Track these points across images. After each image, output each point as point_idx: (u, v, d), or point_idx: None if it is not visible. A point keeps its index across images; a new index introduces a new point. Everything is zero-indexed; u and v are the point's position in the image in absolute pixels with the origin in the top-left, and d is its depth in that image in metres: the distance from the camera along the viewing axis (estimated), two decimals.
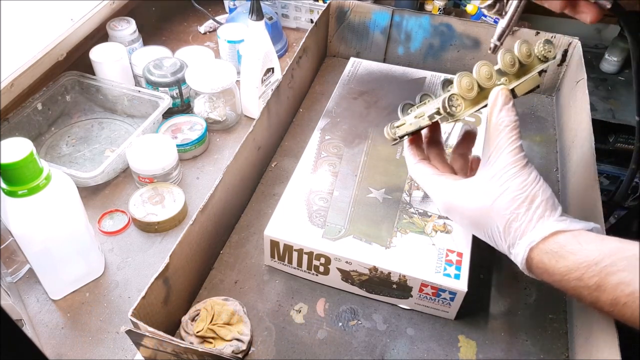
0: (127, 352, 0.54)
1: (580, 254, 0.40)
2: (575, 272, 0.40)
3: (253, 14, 0.74)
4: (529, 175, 0.44)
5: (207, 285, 0.60)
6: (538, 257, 0.42)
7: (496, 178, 0.44)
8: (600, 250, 0.39)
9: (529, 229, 0.43)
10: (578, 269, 0.40)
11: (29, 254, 0.54)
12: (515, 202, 0.43)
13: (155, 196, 0.68)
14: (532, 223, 0.43)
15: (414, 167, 0.53)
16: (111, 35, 0.90)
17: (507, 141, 0.44)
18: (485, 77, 0.48)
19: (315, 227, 0.59)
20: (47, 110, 0.79)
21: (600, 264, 0.38)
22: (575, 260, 0.40)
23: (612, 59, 1.54)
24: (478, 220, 0.46)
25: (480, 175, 0.46)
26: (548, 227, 0.42)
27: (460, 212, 0.48)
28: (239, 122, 0.84)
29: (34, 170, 0.48)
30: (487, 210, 0.45)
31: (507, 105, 0.45)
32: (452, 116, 0.47)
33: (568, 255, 0.40)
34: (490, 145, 0.45)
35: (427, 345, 0.55)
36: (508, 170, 0.44)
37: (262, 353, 0.54)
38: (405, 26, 0.88)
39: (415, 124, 0.51)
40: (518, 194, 0.43)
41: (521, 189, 0.43)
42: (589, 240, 0.41)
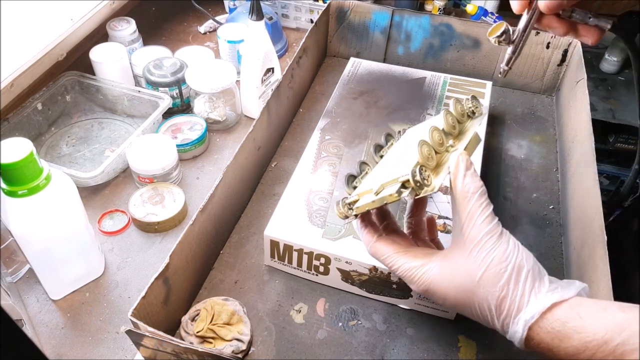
0: (127, 352, 0.54)
1: (585, 331, 0.37)
2: (584, 353, 0.37)
3: (253, 14, 0.74)
4: (508, 243, 0.41)
5: (207, 285, 0.60)
6: (538, 337, 0.39)
7: (475, 252, 0.41)
8: (606, 327, 0.36)
9: (522, 304, 0.39)
10: (587, 349, 0.37)
11: (29, 254, 0.54)
12: (502, 276, 0.40)
13: (155, 196, 0.68)
14: (525, 297, 0.39)
15: (374, 248, 0.48)
16: (111, 35, 0.90)
17: (478, 209, 0.41)
18: (439, 143, 0.46)
19: (315, 227, 0.59)
20: (47, 110, 0.79)
21: (610, 343, 0.36)
22: (581, 340, 0.37)
23: (612, 59, 1.54)
24: (464, 301, 0.42)
25: (457, 251, 0.42)
26: (543, 300, 0.39)
27: (441, 294, 0.43)
28: (239, 122, 0.84)
29: (34, 170, 0.48)
30: (472, 290, 0.41)
31: (469, 171, 0.42)
32: (421, 188, 0.43)
33: (572, 334, 0.37)
34: (461, 215, 0.42)
35: (427, 345, 0.55)
36: (486, 241, 0.40)
37: (262, 353, 0.54)
38: (405, 26, 0.88)
39: (379, 201, 0.45)
40: (503, 267, 0.40)
41: (505, 260, 0.40)
42: (591, 313, 0.38)
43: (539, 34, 0.83)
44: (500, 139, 0.80)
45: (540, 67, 0.86)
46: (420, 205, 0.51)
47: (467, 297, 0.41)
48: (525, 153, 0.78)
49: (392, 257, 0.46)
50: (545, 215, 0.69)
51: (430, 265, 0.43)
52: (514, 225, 0.68)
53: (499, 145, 0.79)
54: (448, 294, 0.42)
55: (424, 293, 0.44)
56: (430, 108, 0.77)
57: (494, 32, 0.50)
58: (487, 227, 0.41)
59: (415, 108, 0.77)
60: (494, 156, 0.77)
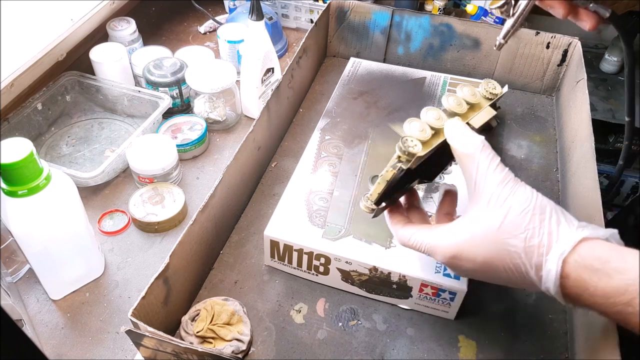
0: (127, 352, 0.54)
1: (628, 273, 0.35)
2: (623, 296, 0.35)
3: (253, 14, 0.74)
4: (525, 187, 0.40)
5: (207, 285, 0.60)
6: (575, 273, 0.37)
7: (492, 202, 0.40)
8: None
9: (552, 240, 0.38)
10: (627, 292, 0.35)
11: (29, 254, 0.54)
12: (526, 216, 0.38)
13: (155, 196, 0.68)
14: (554, 234, 0.38)
15: (402, 232, 0.48)
16: (111, 35, 0.90)
17: (485, 161, 0.40)
18: (434, 118, 0.46)
19: (315, 227, 0.59)
20: (47, 110, 0.79)
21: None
22: (623, 281, 0.35)
23: (612, 59, 1.54)
24: (493, 256, 0.40)
25: (475, 208, 0.41)
26: (575, 234, 0.37)
27: (470, 256, 0.41)
28: (239, 122, 0.84)
29: (34, 170, 0.48)
30: (497, 240, 0.39)
31: (466, 130, 0.42)
32: (412, 156, 0.43)
33: (614, 273, 0.35)
34: (470, 174, 0.41)
35: (427, 345, 0.55)
36: (502, 189, 0.40)
37: (262, 353, 0.54)
38: (405, 26, 0.88)
39: (381, 180, 0.47)
40: (525, 208, 0.39)
41: (525, 202, 0.39)
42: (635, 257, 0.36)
43: (539, 34, 0.83)
44: (500, 139, 0.80)
45: (540, 67, 0.86)
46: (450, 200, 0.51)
47: (495, 249, 0.40)
48: (525, 153, 0.78)
49: (415, 235, 0.46)
50: None
51: (453, 229, 0.43)
52: None
53: (499, 145, 0.79)
54: (476, 253, 0.41)
55: (453, 261, 0.43)
56: None
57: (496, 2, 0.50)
58: (500, 175, 0.40)
59: (415, 108, 0.77)
60: None
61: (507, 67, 0.88)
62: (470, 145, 0.41)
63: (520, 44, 0.85)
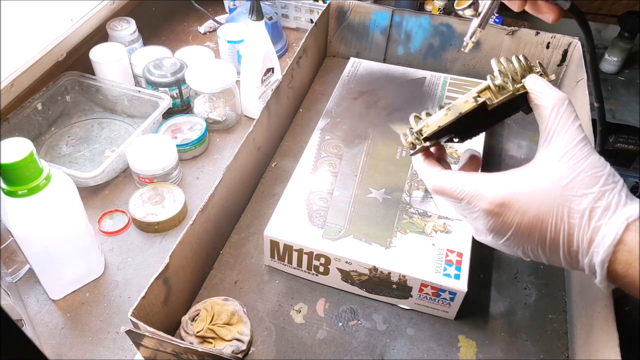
0: (127, 352, 0.54)
1: None
2: None
3: (253, 14, 0.74)
4: (600, 156, 0.39)
5: (207, 285, 0.60)
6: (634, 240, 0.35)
7: (567, 157, 0.38)
8: None
9: (620, 204, 0.37)
10: None
11: (29, 254, 0.54)
12: (599, 179, 0.37)
13: (155, 196, 0.68)
14: (622, 200, 0.37)
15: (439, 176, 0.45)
16: (111, 35, 0.90)
17: (570, 116, 0.39)
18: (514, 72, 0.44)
19: (315, 227, 0.59)
20: (47, 110, 0.79)
21: None
22: None
23: (612, 59, 1.54)
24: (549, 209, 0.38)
25: (544, 159, 0.40)
26: None
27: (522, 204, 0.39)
28: (239, 122, 0.84)
29: (34, 170, 0.48)
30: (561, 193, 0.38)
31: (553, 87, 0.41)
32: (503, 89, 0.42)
33: None
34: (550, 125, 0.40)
35: (427, 345, 0.55)
36: (580, 148, 0.38)
37: (262, 353, 0.54)
38: (405, 26, 0.88)
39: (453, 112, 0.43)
40: (598, 171, 0.37)
41: (601, 166, 0.38)
42: None
43: (539, 34, 0.83)
44: (500, 139, 0.80)
45: None
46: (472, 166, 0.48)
47: (555, 204, 0.38)
48: (525, 153, 0.78)
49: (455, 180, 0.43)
50: None
51: (509, 176, 0.41)
52: None
53: (498, 145, 0.79)
54: (532, 205, 0.39)
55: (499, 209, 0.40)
56: (430, 108, 0.77)
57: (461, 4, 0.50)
58: (580, 135, 0.39)
59: (415, 108, 0.77)
60: (494, 156, 0.77)
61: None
62: (555, 97, 0.40)
63: (520, 44, 0.85)
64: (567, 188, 0.38)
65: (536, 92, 0.41)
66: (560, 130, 0.39)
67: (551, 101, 0.40)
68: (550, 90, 0.41)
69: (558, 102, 0.40)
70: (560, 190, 0.38)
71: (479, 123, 0.47)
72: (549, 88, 0.41)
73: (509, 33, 0.84)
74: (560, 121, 0.40)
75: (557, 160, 0.39)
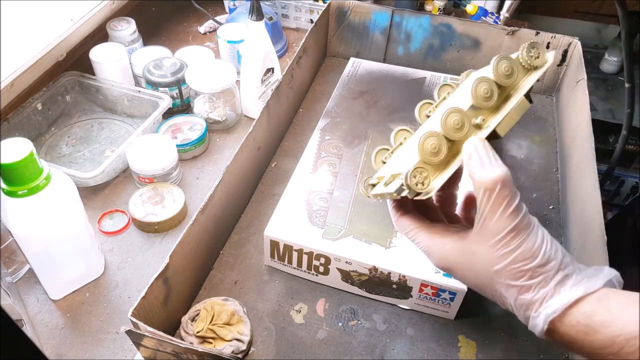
0: (127, 352, 0.54)
1: (613, 325, 0.35)
2: (611, 347, 0.35)
3: (253, 14, 0.74)
4: (536, 237, 0.38)
5: (207, 285, 0.60)
6: (562, 330, 0.37)
7: (497, 247, 0.38)
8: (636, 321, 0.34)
9: (545, 299, 0.37)
10: (614, 344, 0.35)
11: (29, 254, 0.54)
12: (526, 273, 0.37)
13: (155, 196, 0.68)
14: (549, 293, 0.37)
15: (398, 223, 0.46)
16: (111, 35, 0.90)
17: (502, 202, 0.37)
18: (454, 128, 0.40)
19: (315, 227, 0.59)
20: (47, 110, 0.79)
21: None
22: (609, 334, 0.35)
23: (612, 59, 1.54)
24: (483, 286, 0.41)
25: (479, 239, 0.39)
26: (568, 294, 0.37)
27: (460, 276, 0.43)
28: (239, 122, 0.84)
29: (34, 170, 0.48)
30: (491, 279, 0.39)
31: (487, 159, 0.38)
32: (418, 195, 0.40)
33: (599, 327, 0.35)
34: (483, 208, 0.38)
35: (427, 345, 0.55)
36: (510, 238, 0.38)
37: (262, 353, 0.54)
38: (405, 26, 0.88)
39: (386, 194, 0.43)
40: (528, 263, 0.37)
41: (530, 257, 0.37)
42: (619, 306, 0.35)
43: (539, 34, 0.83)
44: (500, 139, 0.80)
45: None
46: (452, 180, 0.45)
47: (487, 284, 0.40)
48: (525, 153, 0.78)
49: (413, 231, 0.45)
50: (545, 215, 0.69)
51: (451, 244, 0.42)
52: None
53: (498, 145, 0.79)
54: (467, 277, 0.42)
55: (444, 270, 0.44)
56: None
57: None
58: (512, 222, 0.37)
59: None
60: None
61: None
62: (488, 178, 0.37)
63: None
64: (496, 274, 0.39)
65: (470, 168, 0.38)
66: (491, 217, 0.38)
67: (482, 185, 0.38)
68: (482, 170, 0.38)
69: (490, 187, 0.37)
70: (492, 274, 0.39)
71: None
72: (481, 167, 0.38)
73: (509, 33, 0.84)
74: (492, 206, 0.38)
75: (488, 246, 0.39)
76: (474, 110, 0.41)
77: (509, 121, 0.40)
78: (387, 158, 0.50)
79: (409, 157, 0.43)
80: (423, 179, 0.39)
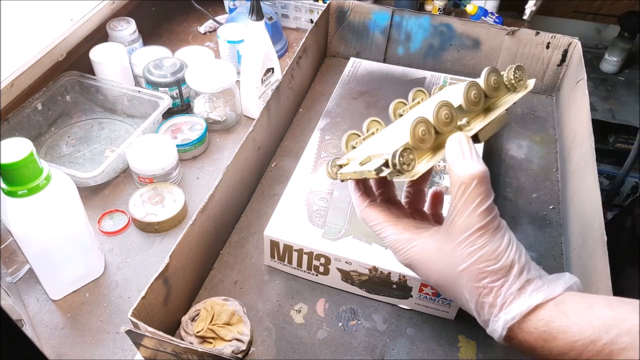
0: (127, 352, 0.54)
1: (571, 330, 0.35)
2: (570, 353, 0.35)
3: (253, 14, 0.74)
4: (502, 240, 0.38)
5: (207, 285, 0.60)
6: (520, 337, 0.37)
7: (462, 245, 0.38)
8: (593, 325, 0.34)
9: (505, 304, 0.37)
10: (573, 349, 0.35)
11: (29, 254, 0.54)
12: (488, 275, 0.37)
13: (155, 196, 0.68)
14: (509, 297, 0.37)
15: (364, 212, 0.46)
16: (111, 35, 0.90)
17: (475, 199, 0.37)
18: (444, 121, 0.40)
19: (315, 227, 0.59)
20: (47, 110, 0.79)
21: (597, 342, 0.34)
22: (567, 340, 0.35)
23: (612, 59, 1.54)
24: (445, 286, 0.40)
25: (446, 236, 0.39)
26: (527, 300, 0.37)
27: (423, 273, 0.42)
28: (239, 122, 0.84)
29: (34, 171, 0.48)
30: (454, 279, 0.39)
31: (468, 155, 0.38)
32: (401, 174, 0.39)
33: (557, 333, 0.35)
34: (455, 202, 0.38)
35: (427, 345, 0.55)
36: (477, 237, 0.37)
37: (262, 353, 0.54)
38: (405, 26, 0.88)
39: (359, 173, 0.42)
40: (490, 265, 0.37)
41: (494, 259, 0.37)
42: (577, 311, 0.36)
43: (539, 34, 0.83)
44: (500, 139, 0.80)
45: (540, 67, 0.86)
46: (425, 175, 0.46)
47: (449, 284, 0.40)
48: (525, 153, 0.78)
49: (380, 224, 0.44)
50: (545, 215, 0.69)
51: (418, 241, 0.41)
52: (513, 225, 0.67)
53: (498, 145, 0.79)
54: (430, 275, 0.41)
55: (407, 267, 0.43)
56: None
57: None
58: (481, 221, 0.37)
59: None
60: (494, 156, 0.77)
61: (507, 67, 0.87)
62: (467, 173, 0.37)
63: (520, 44, 0.85)
64: (459, 276, 0.39)
65: (452, 159, 0.38)
66: (462, 213, 0.38)
67: (459, 178, 0.38)
68: (463, 163, 0.38)
69: (467, 181, 0.37)
70: (456, 274, 0.39)
71: None
72: (462, 160, 0.38)
73: (509, 33, 0.84)
74: (465, 202, 0.38)
75: (454, 244, 0.38)
76: (460, 112, 0.42)
77: (490, 129, 0.42)
78: (358, 144, 0.50)
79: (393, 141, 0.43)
80: (409, 161, 0.39)
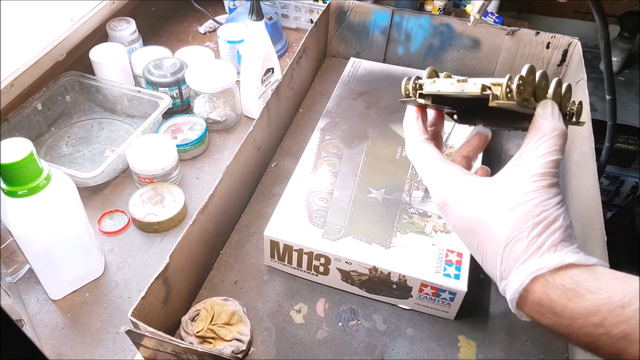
0: (127, 352, 0.54)
1: (600, 292, 0.33)
2: (594, 317, 0.32)
3: (253, 14, 0.74)
4: (555, 195, 0.37)
5: (207, 285, 0.60)
6: (542, 291, 0.35)
7: (518, 185, 0.37)
8: (625, 291, 0.32)
9: (536, 254, 0.35)
10: (598, 312, 0.32)
11: (29, 254, 0.54)
12: (532, 219, 0.36)
13: (155, 196, 0.68)
14: (543, 248, 0.35)
15: (419, 146, 0.44)
16: (111, 35, 0.90)
17: (547, 149, 0.38)
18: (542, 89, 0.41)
19: (315, 227, 0.59)
20: (47, 110, 0.79)
21: (627, 307, 0.31)
22: (595, 301, 0.32)
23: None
24: (476, 227, 0.38)
25: (503, 177, 0.39)
26: (561, 257, 0.35)
27: (459, 212, 0.40)
28: (239, 122, 0.84)
29: (34, 171, 0.48)
30: (492, 219, 0.37)
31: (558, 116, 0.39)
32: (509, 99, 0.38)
33: (585, 293, 0.33)
34: (527, 148, 0.39)
35: (427, 345, 0.55)
36: (535, 181, 0.37)
37: (262, 353, 0.54)
38: (405, 26, 0.88)
39: (458, 87, 0.41)
40: (537, 212, 0.36)
41: (543, 207, 0.36)
42: (610, 277, 0.34)
43: (539, 34, 0.83)
44: (500, 139, 0.80)
45: (540, 67, 0.86)
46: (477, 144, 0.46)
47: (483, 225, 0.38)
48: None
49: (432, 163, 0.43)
50: None
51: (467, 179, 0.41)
52: None
53: (498, 145, 0.79)
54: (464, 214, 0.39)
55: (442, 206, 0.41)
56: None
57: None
58: (546, 169, 0.37)
59: None
60: (494, 156, 0.77)
61: (507, 67, 0.88)
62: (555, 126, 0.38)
63: (520, 44, 0.85)
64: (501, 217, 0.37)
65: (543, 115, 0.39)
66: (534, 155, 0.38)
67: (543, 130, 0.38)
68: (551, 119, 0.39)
69: (549, 133, 0.38)
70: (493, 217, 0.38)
71: (480, 114, 0.45)
72: (551, 116, 0.39)
73: (509, 33, 0.84)
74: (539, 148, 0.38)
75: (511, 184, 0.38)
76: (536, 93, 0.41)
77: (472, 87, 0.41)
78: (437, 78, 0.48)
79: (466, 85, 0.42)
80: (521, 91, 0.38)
